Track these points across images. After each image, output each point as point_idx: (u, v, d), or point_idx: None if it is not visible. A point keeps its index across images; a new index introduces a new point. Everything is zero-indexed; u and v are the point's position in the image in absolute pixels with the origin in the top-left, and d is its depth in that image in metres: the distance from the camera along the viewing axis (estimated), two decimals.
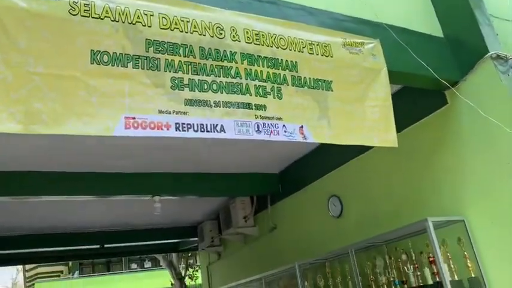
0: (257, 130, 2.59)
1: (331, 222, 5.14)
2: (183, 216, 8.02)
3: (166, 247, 10.28)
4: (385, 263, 3.96)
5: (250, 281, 6.13)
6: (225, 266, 8.18)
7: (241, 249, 7.41)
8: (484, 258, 3.32)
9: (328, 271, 4.71)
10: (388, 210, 4.27)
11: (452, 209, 3.56)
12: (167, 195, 5.53)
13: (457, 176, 3.59)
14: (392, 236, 3.89)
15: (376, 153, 4.48)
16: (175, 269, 13.91)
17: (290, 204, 6.07)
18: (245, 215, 6.77)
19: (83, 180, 5.00)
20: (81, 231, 7.65)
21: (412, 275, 3.65)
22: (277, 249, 6.25)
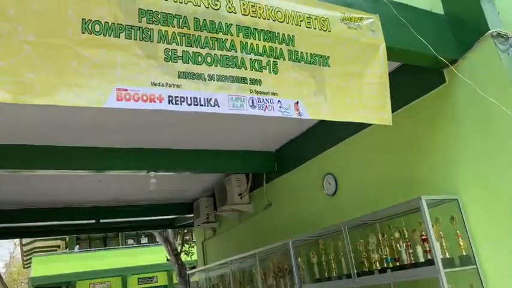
0: (251, 105, 2.56)
1: (325, 200, 5.16)
2: (178, 193, 8.05)
3: (162, 223, 10.34)
4: (378, 240, 3.99)
5: (245, 257, 6.19)
6: (220, 242, 8.26)
7: (236, 226, 7.47)
8: (476, 236, 3.35)
9: (321, 248, 4.75)
10: (382, 189, 4.29)
11: (446, 188, 3.57)
12: (162, 171, 5.52)
13: (452, 155, 3.59)
14: (385, 214, 3.91)
15: (372, 132, 4.47)
16: (171, 245, 14.06)
17: (285, 182, 6.08)
18: (240, 192, 6.79)
19: (78, 154, 4.98)
20: (77, 206, 7.67)
21: (404, 252, 3.68)
22: (271, 226, 6.30)
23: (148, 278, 25.03)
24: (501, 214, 3.18)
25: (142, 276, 24.37)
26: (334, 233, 4.68)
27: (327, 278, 4.57)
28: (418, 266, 3.45)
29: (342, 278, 4.29)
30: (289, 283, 5.19)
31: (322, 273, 4.69)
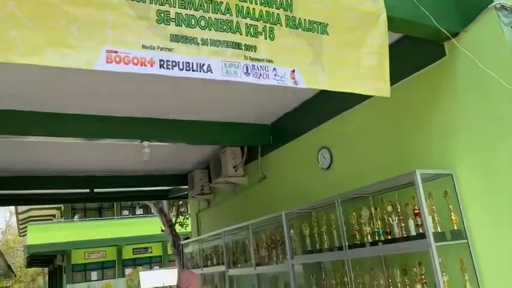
0: (246, 72, 2.49)
1: (320, 174, 5.15)
2: (173, 164, 8.03)
3: (157, 194, 10.37)
4: (371, 213, 3.99)
5: (238, 228, 6.23)
6: (214, 213, 8.31)
7: (231, 198, 7.49)
8: (468, 212, 3.35)
9: (313, 220, 4.77)
10: (377, 163, 4.27)
11: (441, 163, 3.55)
12: (156, 141, 5.47)
13: (448, 130, 3.55)
14: (379, 188, 3.90)
15: (369, 106, 4.42)
16: (165, 216, 14.14)
17: (280, 155, 6.06)
18: (235, 165, 6.77)
19: (71, 122, 4.91)
20: (71, 174, 7.65)
21: (396, 226, 3.69)
22: (265, 198, 6.31)
23: (143, 248, 25.42)
24: (495, 190, 3.18)
25: (137, 246, 24.74)
26: (327, 206, 4.69)
27: (318, 250, 4.60)
28: (410, 239, 3.46)
29: (333, 250, 4.32)
30: (281, 254, 5.23)
31: (314, 245, 4.72)
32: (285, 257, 5.01)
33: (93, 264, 23.85)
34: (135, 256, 25.00)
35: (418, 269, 3.51)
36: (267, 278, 5.93)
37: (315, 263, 5.03)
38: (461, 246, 3.32)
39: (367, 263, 4.17)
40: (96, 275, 23.66)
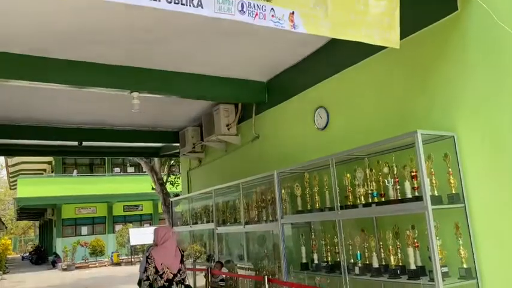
0: (240, 10, 2.25)
1: (315, 134, 4.99)
2: (165, 120, 7.83)
3: (148, 151, 10.22)
4: (365, 175, 3.87)
5: (228, 187, 6.13)
6: (205, 172, 8.19)
7: (222, 157, 7.36)
8: (467, 175, 3.23)
9: (306, 181, 4.65)
10: (376, 124, 4.11)
11: (443, 125, 3.39)
12: (147, 92, 5.24)
13: (453, 90, 3.37)
14: (377, 149, 3.76)
15: (370, 63, 4.21)
16: (156, 174, 14.07)
17: (275, 114, 5.87)
18: (228, 123, 6.59)
19: (56, 66, 4.65)
20: (60, 126, 7.42)
21: (391, 188, 3.58)
22: (258, 158, 6.17)
23: (134, 206, 25.58)
24: (497, 155, 3.04)
25: (128, 203, 24.87)
26: (320, 167, 4.56)
27: (309, 210, 4.51)
28: (406, 201, 3.34)
29: (324, 211, 4.23)
30: (271, 214, 5.15)
31: (305, 205, 4.63)
32: (275, 216, 4.93)
33: (83, 220, 24.01)
34: (125, 213, 25.18)
35: (411, 232, 3.42)
36: (256, 238, 5.89)
37: (304, 224, 4.95)
38: (458, 211, 3.22)
39: (358, 225, 4.09)
40: (87, 230, 23.87)
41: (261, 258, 5.53)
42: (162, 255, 4.11)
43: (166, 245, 4.17)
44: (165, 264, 4.13)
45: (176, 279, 4.10)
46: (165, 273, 4.11)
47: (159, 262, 4.06)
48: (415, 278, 3.28)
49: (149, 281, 4.07)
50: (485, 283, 3.07)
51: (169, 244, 4.21)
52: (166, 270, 4.12)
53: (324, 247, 4.43)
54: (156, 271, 4.05)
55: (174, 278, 4.09)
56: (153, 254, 4.13)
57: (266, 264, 5.38)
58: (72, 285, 13.94)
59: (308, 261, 4.60)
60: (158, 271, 4.07)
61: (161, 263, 4.08)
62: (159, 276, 4.06)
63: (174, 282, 4.08)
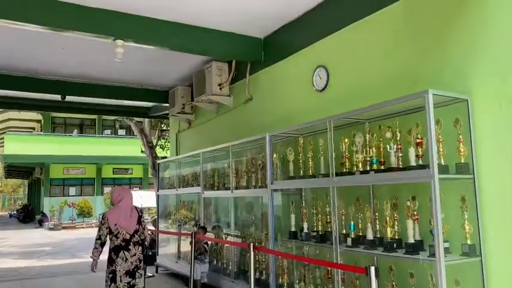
0: None
1: (313, 96, 4.63)
2: (155, 78, 7.40)
3: (137, 111, 9.81)
4: (365, 141, 3.55)
5: (217, 150, 5.81)
6: (194, 134, 7.84)
7: (213, 119, 7.00)
8: (480, 144, 2.92)
9: (300, 145, 4.33)
10: (379, 85, 3.76)
11: (456, 88, 3.05)
12: (132, 41, 4.79)
13: (469, 48, 3.02)
14: (379, 113, 3.43)
15: (375, 19, 3.85)
16: (146, 137, 13.66)
17: (271, 74, 5.48)
18: (220, 83, 6.19)
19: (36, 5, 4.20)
20: (41, 77, 6.97)
21: (393, 155, 3.26)
22: (250, 121, 5.82)
23: (124, 169, 25.28)
24: None
25: (118, 166, 24.57)
26: (316, 131, 4.24)
27: (301, 177, 4.21)
28: (409, 169, 3.03)
29: (318, 177, 3.92)
30: (260, 179, 4.85)
31: (297, 171, 4.33)
32: (264, 182, 4.64)
33: (72, 180, 23.69)
34: (115, 176, 24.90)
35: (411, 204, 3.13)
36: (244, 204, 5.61)
37: (295, 191, 4.67)
38: (465, 182, 2.93)
39: (353, 194, 3.79)
40: (75, 190, 23.59)
41: (248, 225, 5.28)
42: (116, 215, 4.03)
43: (121, 206, 4.07)
44: (120, 225, 4.03)
45: (133, 240, 4.00)
46: (120, 233, 4.02)
47: (113, 222, 3.98)
48: (412, 253, 3.01)
49: (100, 241, 3.99)
50: (489, 262, 2.82)
51: (124, 205, 4.10)
52: (121, 230, 4.02)
53: (314, 216, 4.16)
54: (110, 231, 3.96)
55: (131, 239, 3.99)
56: (107, 215, 4.08)
57: (253, 232, 5.13)
58: (56, 244, 13.76)
59: (297, 230, 4.34)
60: (112, 231, 3.98)
61: (115, 223, 3.99)
62: (114, 236, 3.98)
63: (131, 242, 3.97)
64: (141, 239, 4.11)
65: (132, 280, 3.97)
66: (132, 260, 3.97)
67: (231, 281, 5.21)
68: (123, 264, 3.95)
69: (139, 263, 4.03)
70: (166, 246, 7.65)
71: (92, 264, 4.14)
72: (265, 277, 4.71)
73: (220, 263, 5.79)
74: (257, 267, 4.85)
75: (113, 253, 3.99)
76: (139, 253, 4.04)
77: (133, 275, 3.98)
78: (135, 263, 3.98)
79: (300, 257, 4.11)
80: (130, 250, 3.98)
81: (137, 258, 4.00)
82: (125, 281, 3.94)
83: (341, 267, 3.45)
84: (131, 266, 3.95)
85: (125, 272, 3.95)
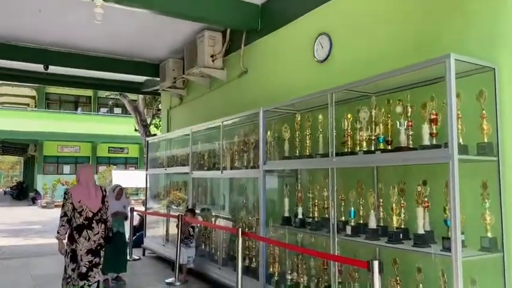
0: None
1: (314, 67, 4.18)
2: (144, 49, 6.91)
3: (129, 86, 9.31)
4: (371, 117, 3.11)
5: (208, 128, 5.37)
6: (186, 111, 7.38)
7: (205, 95, 6.53)
8: (507, 121, 2.48)
9: (297, 122, 3.89)
10: (391, 55, 3.30)
11: (481, 55, 2.59)
12: (113, 1, 4.29)
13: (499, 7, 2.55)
14: (388, 85, 2.99)
15: None
16: (140, 115, 13.25)
17: (267, 44, 5.01)
18: (213, 54, 5.71)
19: None
20: (21, 45, 6.46)
21: (403, 132, 2.83)
22: (245, 97, 5.36)
23: (119, 148, 24.86)
24: None
25: (113, 145, 24.14)
26: (315, 107, 3.81)
27: (297, 157, 3.78)
28: (422, 148, 2.60)
29: (315, 157, 3.49)
30: (253, 159, 4.42)
31: (293, 151, 3.89)
32: (257, 162, 4.21)
33: (66, 158, 23.28)
34: (110, 155, 24.48)
35: (422, 189, 2.71)
36: (235, 186, 5.20)
37: (290, 173, 4.26)
38: (488, 165, 2.51)
39: (354, 177, 3.37)
40: (69, 169, 23.18)
41: (239, 208, 4.87)
42: (79, 193, 3.86)
43: (86, 184, 3.91)
44: (83, 202, 3.84)
45: (96, 218, 3.82)
46: (84, 210, 3.81)
47: (77, 199, 3.80)
48: (422, 245, 2.60)
49: (67, 217, 3.79)
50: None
51: (89, 183, 3.93)
52: (85, 208, 3.82)
53: (310, 201, 3.75)
54: (73, 208, 3.78)
55: (94, 217, 3.80)
56: (71, 191, 3.88)
57: (244, 216, 4.73)
58: (47, 222, 13.41)
59: (291, 216, 3.93)
60: (76, 208, 3.79)
61: (79, 200, 3.81)
62: (78, 213, 3.78)
63: (94, 220, 3.80)
64: (104, 218, 3.92)
65: (95, 259, 3.77)
66: (95, 239, 3.78)
67: (218, 267, 4.83)
68: (86, 243, 3.75)
69: (103, 241, 3.85)
70: (154, 228, 7.26)
71: (59, 245, 3.84)
72: (255, 265, 4.33)
73: (208, 248, 5.41)
74: (246, 254, 4.46)
75: (75, 232, 3.77)
76: (102, 231, 3.85)
77: (97, 253, 3.79)
78: (98, 241, 3.80)
79: (293, 246, 3.71)
80: (93, 228, 3.78)
81: (100, 237, 3.82)
82: (86, 260, 3.73)
83: (339, 260, 3.05)
84: (94, 244, 3.76)
85: (86, 250, 3.74)
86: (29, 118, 21.29)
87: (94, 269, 3.75)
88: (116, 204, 5.33)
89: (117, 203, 5.37)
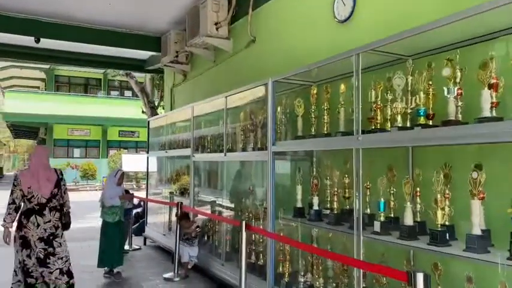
0: None
1: (334, 29, 3.50)
2: (144, 20, 6.30)
3: (132, 63, 8.71)
4: (406, 84, 2.44)
5: (211, 106, 4.74)
6: (190, 88, 6.76)
7: (210, 69, 5.90)
8: None
9: (313, 95, 3.24)
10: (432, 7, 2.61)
11: None
12: None
13: None
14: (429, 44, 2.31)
15: None
16: (147, 96, 12.70)
17: (279, 6, 4.34)
18: (218, 21, 5.06)
19: None
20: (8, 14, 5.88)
21: (452, 102, 2.17)
22: (253, 70, 4.72)
23: (130, 132, 24.45)
24: None
25: (124, 129, 23.73)
26: (334, 77, 3.16)
27: (313, 135, 3.14)
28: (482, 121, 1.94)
29: (335, 136, 2.85)
30: (260, 140, 3.79)
31: (308, 129, 3.25)
32: (264, 141, 3.59)
33: (76, 142, 22.95)
34: (120, 138, 24.10)
35: (479, 175, 2.05)
36: (241, 171, 4.60)
37: (304, 155, 3.64)
38: None
39: (383, 160, 2.73)
40: (79, 152, 22.91)
41: (244, 196, 4.27)
42: (29, 178, 3.44)
43: (37, 168, 3.48)
44: (34, 188, 3.40)
45: (50, 205, 3.41)
46: (35, 196, 3.39)
47: (26, 185, 3.39)
48: (479, 251, 1.96)
49: (15, 205, 3.39)
50: None
51: (40, 166, 3.49)
52: (36, 194, 3.40)
53: (328, 189, 3.13)
54: (23, 195, 3.39)
55: (47, 203, 3.40)
56: (20, 177, 3.46)
57: (250, 205, 4.13)
58: None
59: (304, 206, 3.31)
60: (25, 194, 3.39)
61: (29, 185, 3.39)
62: (28, 199, 3.39)
63: (46, 207, 3.39)
64: (60, 204, 3.50)
65: (49, 248, 3.39)
66: (46, 227, 3.39)
67: (221, 263, 4.25)
68: (35, 229, 3.36)
69: (56, 230, 3.44)
70: (156, 216, 6.73)
71: (4, 234, 3.39)
72: (262, 262, 3.74)
73: (211, 240, 4.84)
74: (253, 249, 3.88)
75: (23, 217, 3.39)
76: (55, 220, 3.44)
77: (50, 243, 3.40)
78: (49, 230, 3.41)
79: (307, 245, 3.07)
80: (44, 216, 3.39)
81: (52, 226, 3.42)
82: (40, 247, 3.35)
83: (369, 268, 2.40)
84: (45, 233, 3.37)
85: (38, 238, 3.35)
86: (37, 100, 20.94)
87: (51, 257, 3.37)
88: (118, 190, 4.81)
89: (119, 189, 4.85)
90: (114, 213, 4.73)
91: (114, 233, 4.72)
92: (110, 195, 4.71)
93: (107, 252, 4.66)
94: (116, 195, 4.74)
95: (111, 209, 4.71)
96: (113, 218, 4.72)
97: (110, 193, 4.73)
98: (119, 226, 4.83)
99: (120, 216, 4.82)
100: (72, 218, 3.65)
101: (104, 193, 4.80)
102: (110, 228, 4.71)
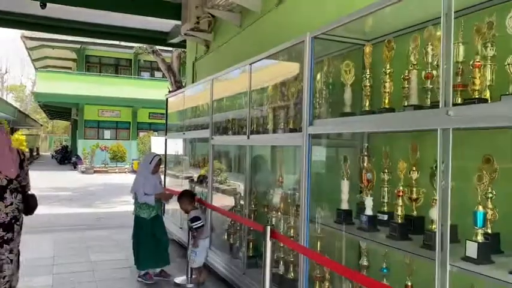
0: None
1: None
2: None
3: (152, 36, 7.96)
4: None
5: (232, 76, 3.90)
6: (213, 61, 5.92)
7: (235, 37, 5.02)
8: None
9: (367, 56, 2.32)
10: None
11: None
12: None
13: None
14: None
15: None
16: (174, 76, 12.05)
17: None
18: None
19: None
20: None
21: None
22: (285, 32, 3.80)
23: (161, 113, 23.93)
24: None
25: (154, 111, 23.30)
26: (402, 30, 2.23)
27: (366, 112, 2.23)
28: None
29: (405, 111, 1.94)
30: (292, 118, 2.92)
31: (358, 104, 2.34)
32: (298, 120, 2.71)
33: (106, 123, 22.73)
34: (151, 120, 23.71)
35: None
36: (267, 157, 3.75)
37: (351, 139, 2.74)
38: None
39: (477, 148, 1.81)
40: (110, 134, 22.69)
41: (271, 191, 3.42)
42: None
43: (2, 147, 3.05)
44: None
45: (11, 187, 3.03)
46: None
47: None
48: None
49: None
50: None
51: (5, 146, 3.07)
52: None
53: (387, 186, 2.22)
54: None
55: (8, 186, 3.02)
56: None
57: (277, 204, 3.28)
58: (78, 189, 12.76)
59: (352, 209, 2.43)
60: None
61: None
62: None
63: (8, 190, 3.02)
64: (21, 186, 3.10)
65: (7, 234, 3.02)
66: (8, 211, 3.04)
67: (242, 272, 3.43)
68: None
69: (18, 213, 3.10)
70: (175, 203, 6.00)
71: None
72: (292, 276, 2.91)
73: (231, 239, 4.03)
74: (281, 257, 3.04)
75: None
76: (17, 202, 3.08)
77: (11, 228, 3.05)
78: (11, 213, 3.06)
79: (352, 272, 2.15)
80: (5, 199, 3.03)
81: (15, 208, 3.07)
82: None
83: None
84: (6, 218, 3.02)
85: None
86: (69, 81, 20.75)
87: (5, 245, 3.00)
88: (153, 180, 4.04)
89: (154, 178, 4.08)
90: (151, 208, 4.00)
91: (153, 229, 4.00)
92: (144, 190, 3.94)
93: (153, 251, 3.99)
94: (151, 190, 3.96)
95: (147, 204, 3.99)
96: (148, 213, 3.99)
97: (144, 187, 3.94)
98: (158, 220, 4.10)
99: (157, 211, 4.09)
100: (98, 202, 3.00)
101: (137, 184, 4.01)
102: (147, 226, 3.97)
